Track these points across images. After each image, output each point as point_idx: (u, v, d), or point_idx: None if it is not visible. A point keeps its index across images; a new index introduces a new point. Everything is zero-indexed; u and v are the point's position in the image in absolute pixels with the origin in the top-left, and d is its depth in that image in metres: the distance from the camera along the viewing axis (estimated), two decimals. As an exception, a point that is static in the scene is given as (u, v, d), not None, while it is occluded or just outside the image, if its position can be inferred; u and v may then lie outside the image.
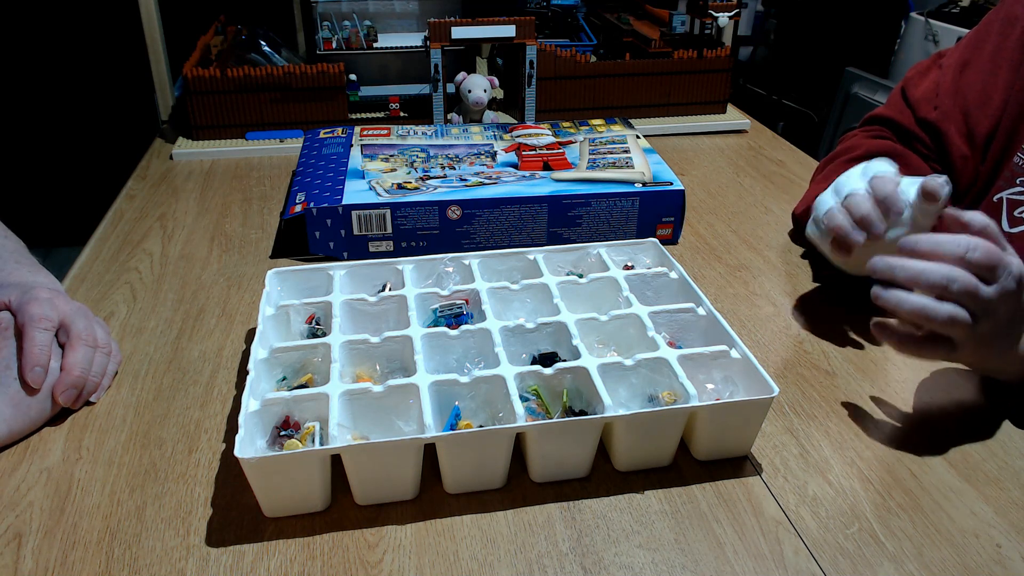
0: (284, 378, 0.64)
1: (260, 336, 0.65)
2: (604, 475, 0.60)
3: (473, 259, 0.75)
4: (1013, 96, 0.83)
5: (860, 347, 0.76)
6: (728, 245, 0.95)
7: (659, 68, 1.27)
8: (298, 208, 0.88)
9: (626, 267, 0.78)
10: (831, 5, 2.45)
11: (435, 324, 0.69)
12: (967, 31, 0.93)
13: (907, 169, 0.85)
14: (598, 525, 0.56)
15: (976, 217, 0.61)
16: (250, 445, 0.55)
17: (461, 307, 0.70)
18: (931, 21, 2.07)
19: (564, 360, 0.64)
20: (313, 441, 0.57)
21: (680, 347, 0.67)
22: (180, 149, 1.18)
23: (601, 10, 1.49)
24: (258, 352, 0.62)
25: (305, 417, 0.58)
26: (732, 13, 1.29)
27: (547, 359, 0.65)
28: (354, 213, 0.87)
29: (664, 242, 0.93)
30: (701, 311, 0.69)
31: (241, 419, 0.55)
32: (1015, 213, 0.77)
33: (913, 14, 2.14)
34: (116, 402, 0.67)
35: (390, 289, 0.73)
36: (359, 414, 0.58)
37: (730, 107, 1.35)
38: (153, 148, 1.22)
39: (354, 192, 0.89)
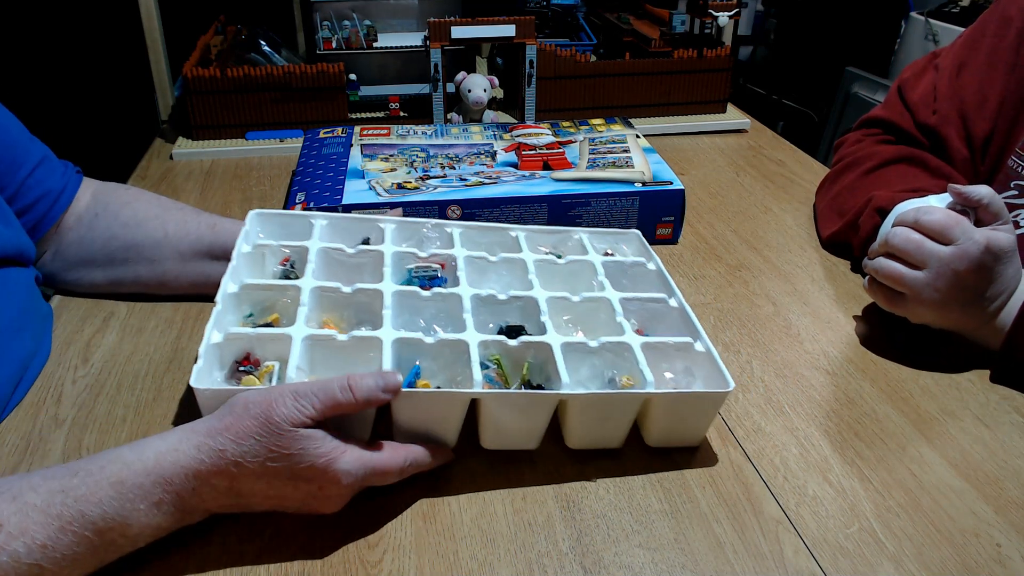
0: (251, 315, 0.63)
1: (232, 271, 0.64)
2: (604, 475, 0.60)
3: (455, 228, 0.75)
4: (1008, 98, 0.83)
5: (860, 347, 0.76)
6: (728, 245, 0.94)
7: (659, 68, 1.27)
8: (298, 208, 0.88)
9: (606, 254, 0.78)
10: (831, 5, 2.45)
11: (408, 283, 0.68)
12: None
13: (926, 171, 0.85)
14: (598, 525, 0.56)
15: (976, 190, 0.69)
16: (207, 376, 0.55)
17: (436, 271, 0.70)
18: (931, 21, 2.06)
19: (530, 335, 0.63)
20: (270, 380, 0.57)
21: (647, 335, 0.67)
22: (180, 149, 1.18)
23: (601, 10, 1.49)
24: (228, 286, 0.62)
25: (266, 356, 0.58)
26: (732, 13, 1.29)
27: (513, 331, 0.64)
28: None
29: (664, 242, 0.93)
30: (673, 302, 0.68)
31: (201, 349, 0.55)
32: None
33: (913, 14, 2.14)
34: (116, 402, 0.67)
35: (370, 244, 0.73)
36: (319, 360, 0.58)
37: (730, 107, 1.35)
38: (153, 148, 1.22)
39: (354, 192, 0.89)
